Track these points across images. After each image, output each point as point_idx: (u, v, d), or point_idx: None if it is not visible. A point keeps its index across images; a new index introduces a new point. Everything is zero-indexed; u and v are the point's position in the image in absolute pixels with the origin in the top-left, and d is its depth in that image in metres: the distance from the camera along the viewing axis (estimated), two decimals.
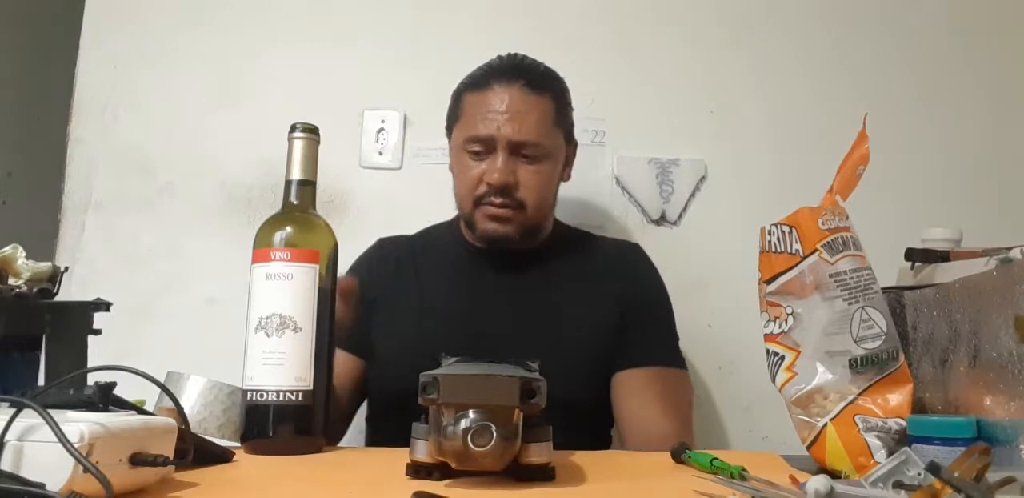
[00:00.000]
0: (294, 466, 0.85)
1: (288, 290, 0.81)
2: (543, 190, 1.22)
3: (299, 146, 0.87)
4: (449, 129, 1.29)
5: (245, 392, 0.83)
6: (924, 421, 0.78)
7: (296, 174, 0.87)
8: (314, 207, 0.88)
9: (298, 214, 0.87)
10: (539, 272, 1.25)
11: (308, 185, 0.87)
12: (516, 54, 1.27)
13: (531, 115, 1.18)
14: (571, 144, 1.31)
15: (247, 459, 0.84)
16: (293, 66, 1.62)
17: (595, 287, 1.24)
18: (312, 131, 0.87)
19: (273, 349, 0.81)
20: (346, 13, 1.63)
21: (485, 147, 1.19)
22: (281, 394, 0.81)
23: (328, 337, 0.85)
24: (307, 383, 0.82)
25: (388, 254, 1.31)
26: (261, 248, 0.84)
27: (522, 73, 1.22)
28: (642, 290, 1.26)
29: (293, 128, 0.88)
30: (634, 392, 1.18)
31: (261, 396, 0.81)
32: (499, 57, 1.26)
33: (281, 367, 0.80)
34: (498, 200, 1.18)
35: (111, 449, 0.58)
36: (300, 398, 0.81)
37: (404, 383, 1.03)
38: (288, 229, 0.84)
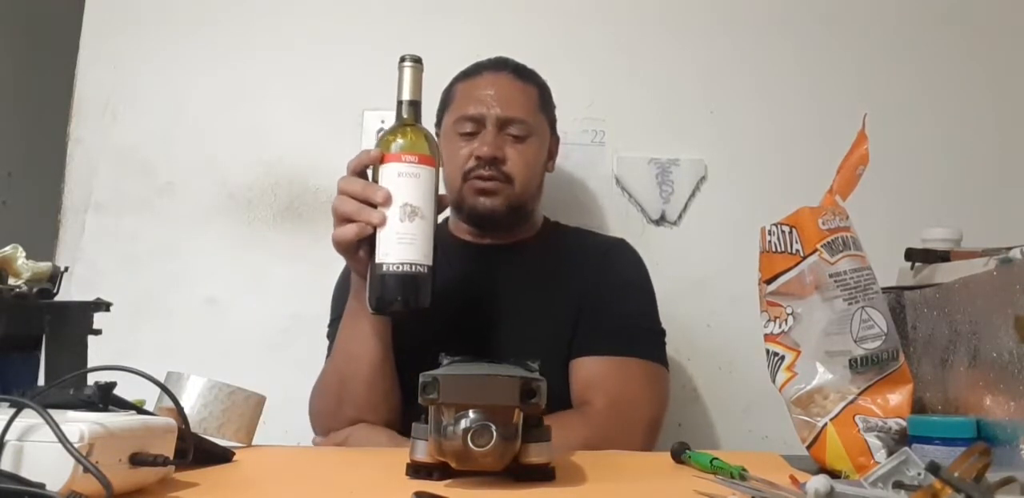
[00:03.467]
0: (294, 466, 0.85)
1: (415, 185, 0.96)
2: (530, 168, 1.25)
3: (408, 73, 1.02)
4: (439, 118, 1.32)
5: (380, 265, 0.95)
6: (924, 421, 0.78)
7: (407, 95, 1.02)
8: (420, 121, 1.02)
9: (412, 127, 1.01)
10: (521, 266, 1.26)
11: (415, 104, 1.02)
12: (502, 56, 1.34)
13: (518, 97, 1.27)
14: (554, 136, 1.35)
15: (247, 459, 0.84)
16: (293, 66, 1.62)
17: (567, 280, 1.23)
18: (418, 61, 1.02)
19: (406, 231, 0.94)
20: (346, 13, 1.63)
21: (475, 126, 1.24)
22: (413, 266, 0.94)
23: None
24: (429, 260, 0.95)
25: None
26: (394, 152, 0.98)
27: (509, 65, 1.31)
28: (607, 278, 1.24)
29: (402, 59, 1.02)
30: (575, 380, 1.15)
31: (397, 268, 0.94)
32: (487, 59, 1.34)
33: (412, 246, 0.94)
34: (487, 172, 1.21)
35: (111, 449, 0.58)
36: (426, 271, 0.95)
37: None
38: (412, 138, 0.99)
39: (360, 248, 0.99)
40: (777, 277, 0.87)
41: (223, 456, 0.81)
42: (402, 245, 0.94)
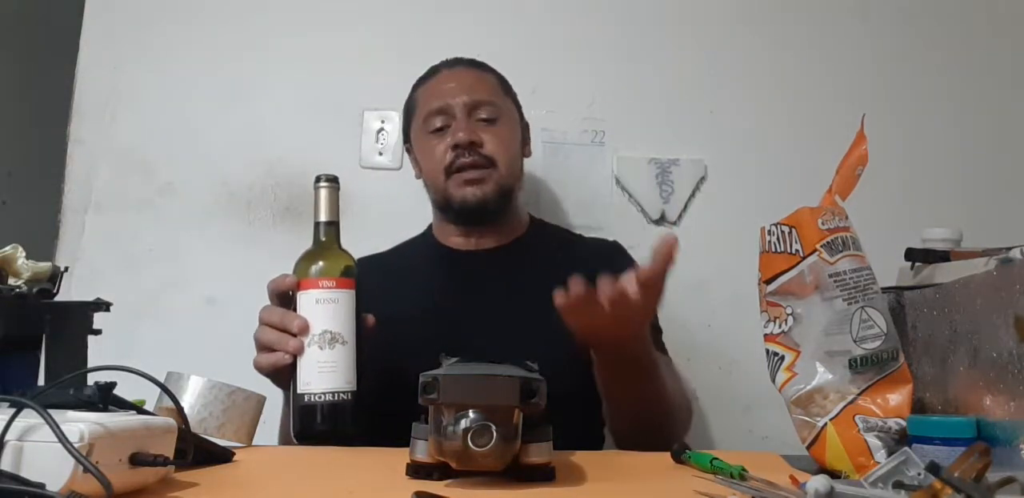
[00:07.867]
0: (294, 466, 0.85)
1: (334, 311, 0.95)
2: (508, 149, 1.25)
3: (324, 194, 1.01)
4: (406, 127, 1.32)
5: (302, 395, 0.93)
6: (924, 421, 0.78)
7: (323, 216, 1.01)
8: (339, 242, 1.02)
9: (330, 250, 1.01)
10: (516, 269, 1.25)
11: (333, 225, 1.01)
12: (455, 56, 1.34)
13: (480, 83, 1.28)
14: (523, 121, 1.35)
15: (247, 459, 0.84)
16: (293, 66, 1.62)
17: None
18: (333, 180, 1.01)
19: (326, 359, 0.93)
20: (346, 13, 1.63)
21: (444, 118, 1.24)
22: (335, 395, 0.93)
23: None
24: (352, 386, 0.94)
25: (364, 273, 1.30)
26: (307, 278, 0.97)
27: (463, 61, 1.32)
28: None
29: (318, 179, 1.01)
30: None
31: (320, 397, 0.93)
32: (441, 61, 1.34)
33: (334, 373, 0.93)
34: (468, 159, 1.21)
35: (111, 449, 0.57)
36: (349, 398, 0.94)
37: (392, 390, 1.03)
38: (330, 261, 0.98)
39: (282, 373, 0.97)
40: (777, 277, 0.87)
41: (223, 456, 0.81)
42: (323, 374, 0.93)
